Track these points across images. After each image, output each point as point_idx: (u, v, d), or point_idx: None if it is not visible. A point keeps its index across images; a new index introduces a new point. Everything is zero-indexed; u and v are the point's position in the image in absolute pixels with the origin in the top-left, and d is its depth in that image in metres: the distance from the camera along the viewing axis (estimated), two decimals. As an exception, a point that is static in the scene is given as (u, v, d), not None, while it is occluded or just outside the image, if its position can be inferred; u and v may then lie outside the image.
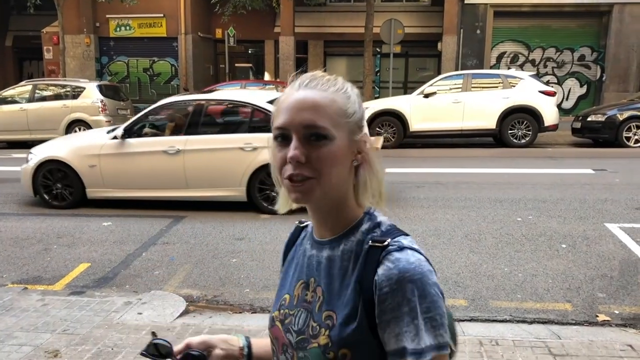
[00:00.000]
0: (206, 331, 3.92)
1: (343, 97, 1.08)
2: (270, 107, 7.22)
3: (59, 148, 7.79)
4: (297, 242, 1.27)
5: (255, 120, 7.42)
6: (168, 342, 1.23)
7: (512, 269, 5.15)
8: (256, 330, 3.94)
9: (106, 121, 14.30)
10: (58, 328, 3.96)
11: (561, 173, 9.85)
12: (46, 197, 7.63)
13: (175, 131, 7.52)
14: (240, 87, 14.53)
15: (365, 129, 1.14)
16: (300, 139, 1.04)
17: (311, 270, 1.15)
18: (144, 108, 8.11)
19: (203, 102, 7.72)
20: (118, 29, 22.07)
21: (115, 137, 7.43)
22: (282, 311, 1.18)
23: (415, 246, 1.05)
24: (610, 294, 4.60)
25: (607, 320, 4.14)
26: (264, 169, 6.99)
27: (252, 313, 4.40)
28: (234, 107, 7.90)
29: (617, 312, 4.29)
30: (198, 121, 7.48)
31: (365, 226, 1.10)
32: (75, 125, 14.47)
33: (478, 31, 19.78)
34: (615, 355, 3.49)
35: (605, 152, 12.35)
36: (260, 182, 7.09)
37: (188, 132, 7.36)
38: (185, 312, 4.34)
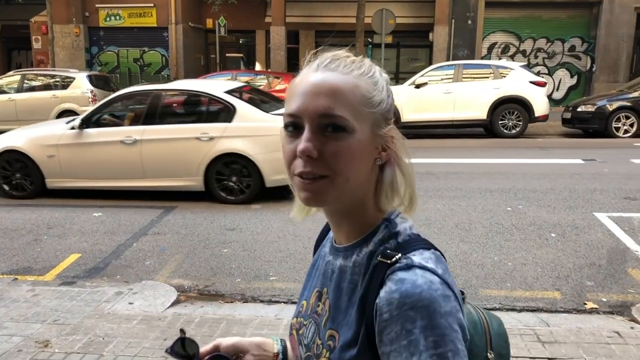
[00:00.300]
0: (197, 321, 3.93)
1: (368, 83, 0.92)
2: (227, 98, 7.31)
3: (18, 138, 7.78)
4: (324, 241, 1.13)
5: (212, 110, 7.52)
6: (195, 342, 1.13)
7: (502, 258, 5.19)
8: (247, 319, 3.96)
9: (96, 112, 14.19)
10: (48, 318, 3.96)
11: (551, 163, 9.91)
12: (5, 187, 7.67)
13: (134, 121, 7.56)
14: (231, 77, 14.46)
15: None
16: (313, 129, 0.89)
17: (326, 278, 1.02)
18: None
19: (161, 92, 7.76)
20: (108, 19, 21.88)
21: (73, 128, 7.46)
22: (298, 319, 1.08)
23: (430, 265, 0.87)
24: (598, 282, 4.65)
25: (595, 308, 4.19)
26: (220, 159, 7.08)
27: (243, 302, 4.41)
28: (191, 97, 7.95)
29: (604, 299, 4.34)
30: (156, 111, 7.54)
31: (379, 235, 0.95)
32: (65, 115, 14.30)
33: (469, 21, 19.79)
34: (602, 342, 3.53)
35: (595, 143, 12.42)
36: (217, 172, 7.15)
37: (145, 122, 7.40)
38: (177, 302, 4.35)
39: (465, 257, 5.22)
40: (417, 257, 0.88)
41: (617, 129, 12.98)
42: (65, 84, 14.58)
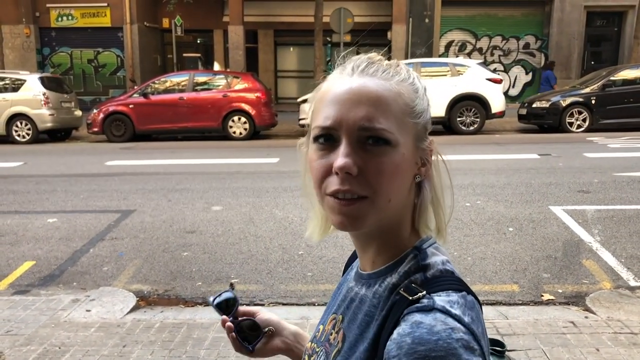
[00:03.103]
0: (157, 326, 3.85)
1: (410, 90, 0.84)
2: None
3: None
4: (353, 263, 1.02)
5: None
6: (237, 299, 1.16)
7: (462, 252, 5.26)
8: (209, 323, 3.90)
9: (49, 114, 13.83)
10: (1, 329, 3.82)
11: (508, 158, 10.11)
12: None
13: None
14: (188, 77, 14.26)
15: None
16: (352, 143, 0.78)
17: (345, 306, 0.92)
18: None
19: None
20: (60, 19, 21.30)
21: None
22: (312, 344, 0.98)
23: (455, 310, 0.74)
24: (554, 274, 4.76)
25: (552, 299, 4.29)
26: None
27: (204, 306, 4.35)
28: None
29: (560, 291, 4.45)
30: None
31: (406, 267, 0.83)
32: (17, 119, 13.94)
33: (427, 20, 20.05)
34: (558, 332, 3.62)
35: (550, 137, 12.75)
36: None
37: None
38: (136, 308, 4.26)
39: (426, 253, 5.26)
40: (442, 298, 0.76)
41: (571, 124, 13.36)
42: (15, 86, 14.12)
